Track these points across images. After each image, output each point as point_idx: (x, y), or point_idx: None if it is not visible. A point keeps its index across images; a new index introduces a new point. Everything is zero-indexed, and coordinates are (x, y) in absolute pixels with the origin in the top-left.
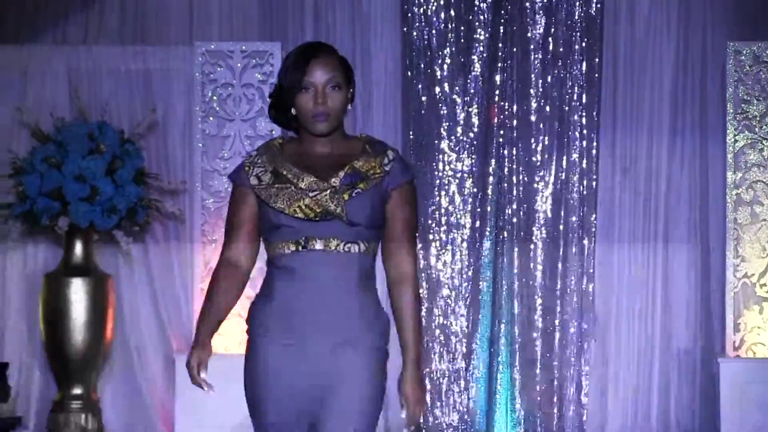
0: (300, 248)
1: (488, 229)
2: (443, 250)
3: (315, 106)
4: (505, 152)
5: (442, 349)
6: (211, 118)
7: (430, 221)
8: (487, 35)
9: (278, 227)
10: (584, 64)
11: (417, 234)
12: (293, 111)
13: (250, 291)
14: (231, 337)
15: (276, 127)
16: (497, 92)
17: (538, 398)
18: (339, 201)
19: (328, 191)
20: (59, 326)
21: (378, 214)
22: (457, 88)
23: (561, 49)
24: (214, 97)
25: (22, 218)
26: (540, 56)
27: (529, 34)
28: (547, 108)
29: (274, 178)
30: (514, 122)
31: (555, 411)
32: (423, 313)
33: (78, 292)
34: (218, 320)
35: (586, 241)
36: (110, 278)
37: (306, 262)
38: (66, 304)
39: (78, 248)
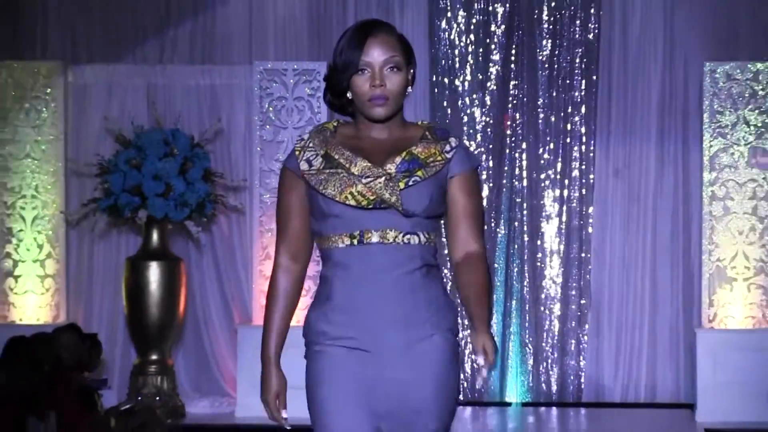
0: (355, 242)
1: (502, 219)
2: None
3: (372, 88)
4: (516, 155)
5: (462, 321)
6: (267, 126)
7: None
8: (501, 56)
9: (330, 217)
10: (583, 81)
11: (484, 222)
12: (349, 95)
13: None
14: None
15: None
16: (510, 104)
17: (544, 363)
18: (394, 189)
19: (383, 178)
20: (139, 302)
21: (437, 204)
22: (476, 100)
23: (564, 68)
24: (270, 109)
25: (107, 211)
26: (546, 74)
27: (537, 56)
28: (552, 118)
29: (325, 162)
30: (524, 129)
31: (557, 374)
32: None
33: (155, 273)
34: (283, 333)
35: (584, 231)
36: (182, 261)
37: (363, 258)
38: (145, 283)
39: (155, 236)
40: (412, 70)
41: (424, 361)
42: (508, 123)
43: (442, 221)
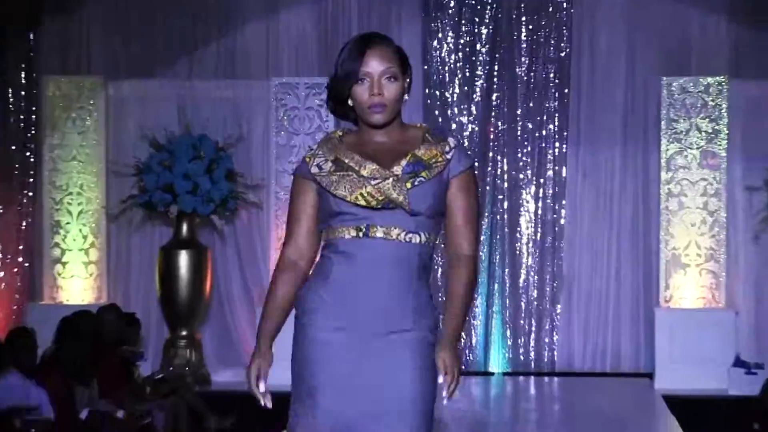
0: (361, 235)
1: (486, 213)
2: None
3: (371, 97)
4: (498, 157)
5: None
6: (282, 133)
7: None
8: (485, 72)
9: (339, 214)
10: (556, 93)
11: (480, 219)
12: (350, 102)
13: None
14: None
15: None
16: (492, 113)
17: (522, 337)
18: (401, 189)
19: (391, 179)
20: (170, 285)
21: (440, 204)
22: (463, 110)
23: (539, 83)
24: (285, 118)
25: (143, 206)
26: (524, 87)
27: (516, 72)
28: (529, 125)
29: (335, 166)
30: (505, 135)
31: (534, 348)
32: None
33: (184, 260)
34: (280, 322)
35: (557, 224)
36: (208, 250)
37: (366, 249)
38: (175, 269)
39: (184, 228)
40: (408, 80)
41: (399, 363)
42: (491, 130)
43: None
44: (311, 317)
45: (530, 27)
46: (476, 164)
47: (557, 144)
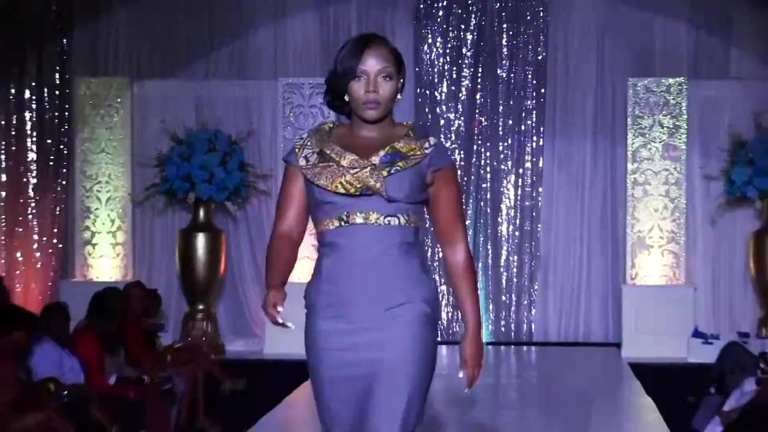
0: (342, 223)
1: (471, 200)
2: None
3: (366, 93)
4: (482, 150)
5: (439, 279)
6: (288, 128)
7: None
8: (470, 73)
9: (323, 204)
10: (534, 92)
11: (462, 207)
12: (346, 97)
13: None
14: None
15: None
16: (477, 110)
17: (503, 311)
18: (378, 177)
19: (368, 168)
20: (188, 264)
21: (416, 192)
22: (451, 108)
23: (519, 83)
24: (291, 114)
25: (164, 194)
26: (504, 87)
27: (497, 73)
28: (510, 121)
29: (319, 158)
30: (488, 131)
31: (514, 320)
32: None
33: (201, 242)
34: (285, 276)
35: (534, 209)
36: (223, 233)
37: (348, 236)
38: (193, 250)
39: (201, 213)
40: (401, 80)
41: (396, 338)
42: (476, 125)
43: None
44: (313, 311)
45: (510, 33)
46: (456, 163)
47: (535, 138)
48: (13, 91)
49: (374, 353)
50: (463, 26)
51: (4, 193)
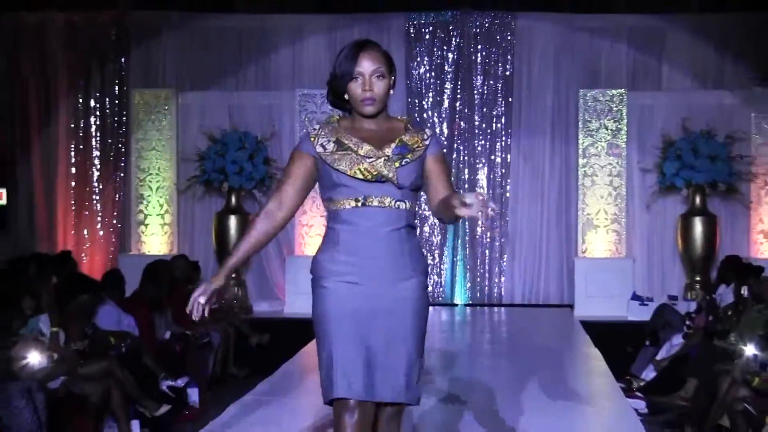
0: (359, 204)
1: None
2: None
3: (363, 92)
4: (461, 148)
5: (426, 252)
6: (304, 130)
7: None
8: (451, 86)
9: (340, 186)
10: (503, 101)
11: (452, 182)
12: (346, 96)
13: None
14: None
15: None
16: (457, 116)
17: (478, 278)
18: (391, 167)
19: (382, 159)
20: (222, 241)
21: (418, 179)
22: (435, 114)
23: (491, 93)
24: (306, 119)
25: (203, 183)
26: (479, 97)
27: (473, 86)
28: (483, 124)
29: (337, 146)
30: (466, 132)
31: (487, 286)
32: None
33: (233, 223)
34: (243, 260)
35: (504, 196)
36: (250, 215)
37: (365, 216)
38: (226, 229)
39: (233, 199)
40: (393, 77)
41: (405, 298)
42: (456, 127)
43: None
44: (326, 275)
45: (483, 53)
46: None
47: (504, 138)
48: (80, 100)
49: (384, 315)
50: (445, 47)
51: (73, 183)
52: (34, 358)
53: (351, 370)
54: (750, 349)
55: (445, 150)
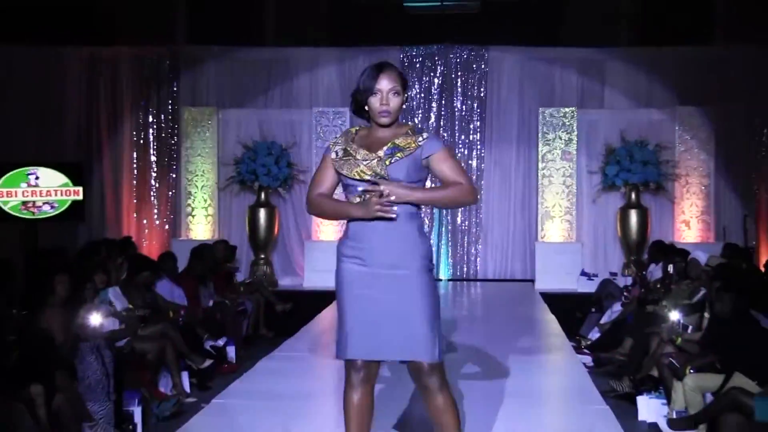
0: (361, 199)
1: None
2: None
3: (381, 105)
4: None
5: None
6: (318, 141)
7: None
8: (437, 105)
9: (347, 186)
10: (478, 118)
11: (464, 170)
12: (366, 108)
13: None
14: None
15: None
16: (441, 129)
17: (458, 258)
18: (382, 166)
19: (375, 160)
20: (254, 228)
21: (413, 174)
22: (424, 128)
23: (468, 112)
24: (320, 131)
25: (238, 183)
26: (459, 115)
27: (454, 106)
28: (462, 136)
29: (343, 153)
30: (448, 143)
31: (465, 265)
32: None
33: (262, 214)
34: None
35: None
36: (276, 208)
37: None
38: (257, 219)
39: (262, 195)
40: (406, 95)
41: (406, 288)
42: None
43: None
44: (343, 258)
45: (462, 78)
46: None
47: (479, 147)
48: (141, 116)
49: (388, 292)
50: (432, 73)
51: (135, 182)
52: (102, 321)
53: (359, 335)
54: (675, 315)
55: (447, 147)
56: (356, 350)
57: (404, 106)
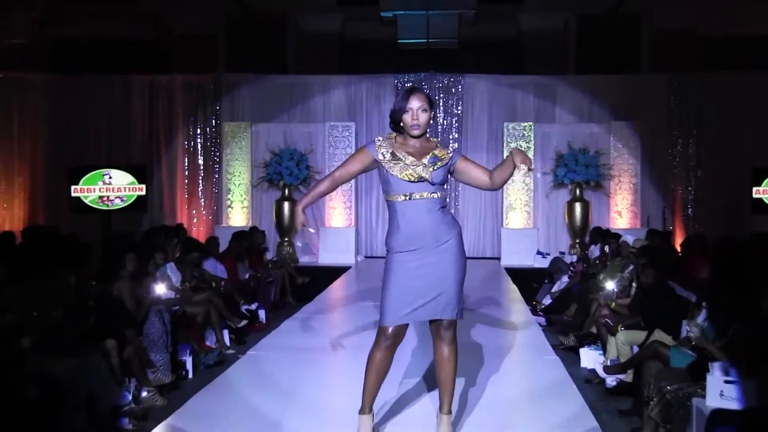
0: (408, 198)
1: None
2: None
3: (412, 120)
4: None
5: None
6: (331, 148)
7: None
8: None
9: (392, 184)
10: (456, 131)
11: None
12: (401, 123)
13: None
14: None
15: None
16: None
17: None
18: (428, 171)
19: (421, 166)
20: (280, 218)
21: (445, 178)
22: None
23: (448, 126)
24: (332, 141)
25: (267, 181)
26: (441, 129)
27: (438, 120)
28: (440, 138)
29: (392, 156)
30: None
31: None
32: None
33: (286, 206)
34: (314, 200)
35: (456, 192)
36: (297, 201)
37: (413, 206)
38: (282, 211)
39: (286, 191)
40: (433, 112)
41: (447, 253)
42: None
43: (456, 181)
44: (394, 248)
45: (444, 99)
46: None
47: (456, 149)
48: (191, 129)
49: (431, 266)
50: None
51: (186, 181)
52: (162, 290)
53: (397, 307)
54: (610, 285)
55: (463, 155)
56: (392, 318)
57: (431, 122)
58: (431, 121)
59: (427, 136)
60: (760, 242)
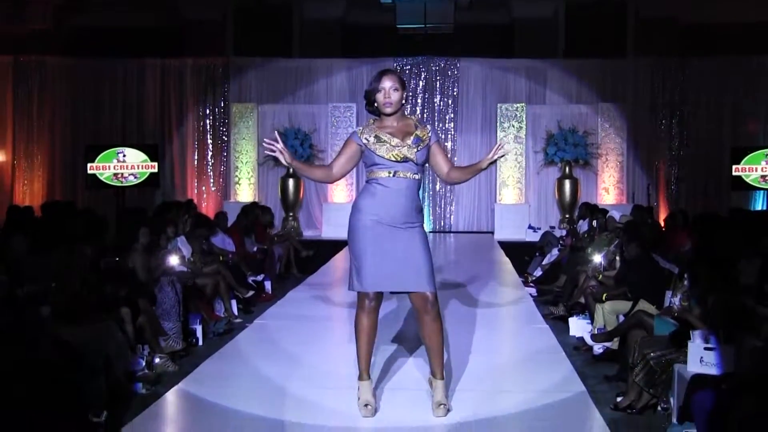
0: (391, 175)
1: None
2: None
3: (385, 99)
4: None
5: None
6: (332, 128)
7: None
8: (421, 102)
9: (378, 164)
10: (453, 112)
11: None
12: (375, 103)
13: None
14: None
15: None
16: (425, 120)
17: (438, 212)
18: (412, 152)
19: (405, 147)
20: (285, 193)
21: (426, 159)
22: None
23: (443, 113)
24: (335, 121)
25: (273, 159)
26: (438, 110)
27: (435, 102)
28: (440, 125)
29: (376, 139)
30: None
31: (443, 222)
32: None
33: (291, 183)
34: (302, 171)
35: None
36: (301, 179)
37: (394, 183)
38: (287, 187)
39: (290, 169)
40: (404, 91)
41: (416, 234)
42: None
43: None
44: (362, 210)
45: (440, 82)
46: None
47: (453, 134)
48: (200, 109)
49: (400, 240)
50: (417, 78)
51: (196, 159)
52: (174, 262)
53: (374, 274)
54: (597, 258)
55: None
56: (372, 285)
57: (403, 102)
58: (404, 101)
59: (405, 113)
60: (738, 218)
